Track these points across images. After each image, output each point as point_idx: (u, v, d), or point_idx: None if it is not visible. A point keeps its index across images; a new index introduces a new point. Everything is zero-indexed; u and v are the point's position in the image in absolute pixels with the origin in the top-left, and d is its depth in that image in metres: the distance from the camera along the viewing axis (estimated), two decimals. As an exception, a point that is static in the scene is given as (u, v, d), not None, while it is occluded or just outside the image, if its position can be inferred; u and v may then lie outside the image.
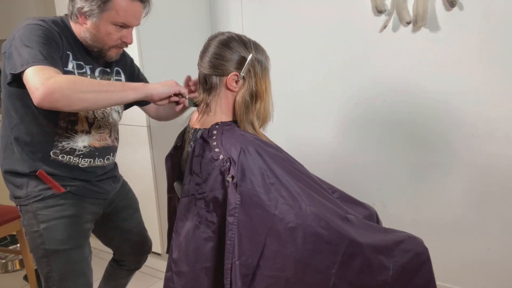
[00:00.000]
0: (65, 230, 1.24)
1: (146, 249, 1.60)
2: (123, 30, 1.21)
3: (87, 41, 1.21)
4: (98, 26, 1.18)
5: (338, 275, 1.05)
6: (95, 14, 1.16)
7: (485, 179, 1.74)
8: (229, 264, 0.98)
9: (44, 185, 1.21)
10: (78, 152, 1.25)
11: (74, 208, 1.26)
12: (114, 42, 1.22)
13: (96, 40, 1.21)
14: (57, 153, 1.22)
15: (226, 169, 1.00)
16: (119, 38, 1.22)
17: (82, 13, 1.17)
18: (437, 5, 1.69)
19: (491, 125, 1.68)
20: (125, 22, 1.19)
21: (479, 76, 1.66)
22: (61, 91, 0.98)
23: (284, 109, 2.14)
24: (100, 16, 1.16)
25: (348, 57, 1.94)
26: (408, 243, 1.16)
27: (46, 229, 1.22)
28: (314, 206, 1.04)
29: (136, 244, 1.56)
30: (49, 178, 1.21)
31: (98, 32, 1.19)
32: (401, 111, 1.86)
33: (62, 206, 1.24)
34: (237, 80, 1.08)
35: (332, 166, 2.10)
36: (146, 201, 2.11)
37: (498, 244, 1.77)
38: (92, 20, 1.17)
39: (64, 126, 1.21)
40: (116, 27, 1.19)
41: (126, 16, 1.18)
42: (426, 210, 1.90)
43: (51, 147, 1.21)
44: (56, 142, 1.21)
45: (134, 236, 1.54)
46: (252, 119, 1.12)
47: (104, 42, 1.21)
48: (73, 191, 1.25)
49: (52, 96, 0.97)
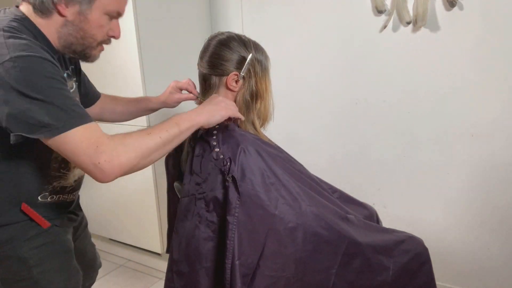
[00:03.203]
0: (62, 271, 1.07)
1: (98, 264, 1.43)
2: (112, 22, 0.98)
3: (69, 40, 0.95)
4: (87, 16, 0.92)
5: (338, 275, 1.05)
6: (84, 1, 0.90)
7: (485, 179, 1.74)
8: (229, 264, 0.97)
9: (27, 222, 1.00)
10: (68, 188, 1.09)
11: (65, 244, 1.10)
12: (103, 37, 0.99)
13: (83, 36, 0.95)
14: (46, 195, 1.04)
15: (226, 169, 1.00)
16: (107, 32, 0.99)
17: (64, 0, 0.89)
18: (437, 5, 1.68)
19: (491, 125, 1.68)
20: (120, 10, 0.97)
21: (479, 76, 1.66)
22: (130, 165, 0.84)
23: (284, 109, 2.14)
24: (92, 3, 0.91)
25: (348, 57, 1.94)
26: (408, 243, 1.16)
27: (41, 273, 1.01)
28: (314, 206, 1.04)
29: (89, 262, 1.37)
30: (34, 212, 1.01)
31: (87, 24, 0.93)
32: (401, 111, 1.86)
33: (53, 244, 1.05)
34: (237, 80, 1.08)
35: (332, 166, 2.10)
36: (146, 201, 2.11)
37: (498, 244, 1.77)
38: (79, 8, 0.91)
39: (56, 166, 1.04)
40: (107, 17, 0.96)
41: (121, 3, 0.97)
42: (426, 210, 1.90)
43: (40, 192, 1.02)
44: (47, 185, 1.03)
45: (87, 254, 1.35)
46: (252, 118, 1.12)
47: (93, 38, 0.96)
48: (58, 224, 1.07)
49: (121, 173, 0.83)
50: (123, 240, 2.35)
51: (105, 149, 0.80)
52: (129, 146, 0.84)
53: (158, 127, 0.91)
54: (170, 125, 0.92)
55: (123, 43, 1.90)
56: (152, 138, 0.88)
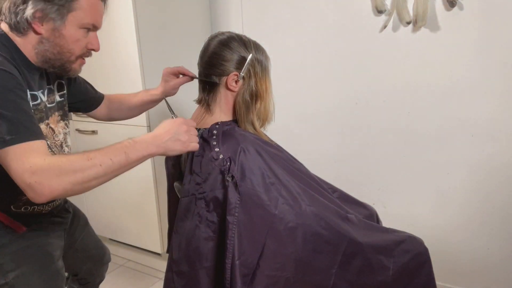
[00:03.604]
0: (41, 274, 1.05)
1: (107, 258, 1.45)
2: (89, 35, 1.00)
3: (46, 56, 0.96)
4: (62, 32, 0.94)
5: (338, 275, 1.05)
6: (57, 17, 0.92)
7: (485, 179, 1.74)
8: (229, 263, 0.98)
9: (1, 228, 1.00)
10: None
11: (43, 247, 1.08)
12: (81, 51, 1.00)
13: (60, 52, 0.96)
14: (20, 205, 1.02)
15: (226, 168, 1.00)
16: (86, 45, 1.00)
17: (37, 18, 0.92)
18: (437, 5, 1.68)
19: (491, 125, 1.68)
20: (95, 23, 0.99)
21: (479, 76, 1.66)
22: (62, 190, 0.80)
23: (284, 109, 2.14)
24: (64, 18, 0.93)
25: (348, 57, 1.94)
26: (408, 243, 1.16)
27: (16, 278, 1.00)
28: (314, 206, 1.04)
29: (97, 259, 1.41)
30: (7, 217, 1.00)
31: (62, 39, 0.95)
32: (401, 111, 1.86)
33: (30, 248, 1.04)
34: (237, 80, 1.08)
35: (332, 166, 2.10)
36: (146, 201, 2.11)
37: (498, 244, 1.77)
38: (53, 25, 0.93)
39: None
40: (84, 31, 0.97)
41: (95, 16, 0.98)
42: (426, 210, 1.90)
43: (13, 201, 1.01)
44: (20, 196, 1.00)
45: (93, 251, 1.38)
46: (252, 119, 1.12)
47: (71, 52, 0.98)
48: (36, 228, 1.06)
49: (52, 196, 0.80)
50: (123, 240, 2.35)
51: (37, 171, 0.78)
52: (63, 170, 0.80)
53: (103, 153, 0.85)
54: (116, 153, 0.85)
55: (123, 43, 1.90)
56: (92, 165, 0.82)
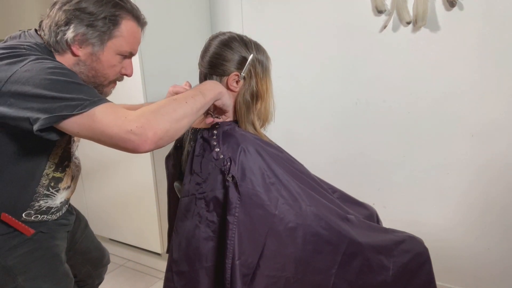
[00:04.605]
0: (50, 277, 1.05)
1: (106, 261, 1.44)
2: (124, 61, 1.02)
3: (80, 77, 0.95)
4: (99, 57, 0.96)
5: (338, 275, 1.05)
6: (97, 43, 0.94)
7: (485, 179, 1.74)
8: (229, 264, 0.98)
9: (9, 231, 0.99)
10: (53, 209, 1.06)
11: (51, 249, 1.08)
12: (115, 76, 1.02)
13: (95, 75, 0.98)
14: (31, 213, 1.01)
15: (226, 168, 1.00)
16: (120, 71, 1.03)
17: (77, 41, 0.94)
18: (437, 5, 1.69)
19: (491, 125, 1.68)
20: (132, 51, 1.01)
21: (479, 76, 1.66)
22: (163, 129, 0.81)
23: (284, 109, 2.14)
24: (104, 44, 0.95)
25: (348, 57, 1.94)
26: (408, 243, 1.16)
27: (27, 280, 1.00)
28: (314, 206, 1.04)
29: (96, 261, 1.39)
30: (16, 220, 0.99)
31: (99, 64, 0.97)
32: (401, 111, 1.86)
33: (38, 250, 1.04)
34: (237, 80, 1.08)
35: (332, 166, 2.10)
36: (146, 201, 2.11)
37: (498, 244, 1.77)
38: (92, 49, 0.95)
39: (45, 183, 1.01)
40: (120, 57, 1.00)
41: (134, 44, 1.00)
42: (426, 210, 1.90)
43: (25, 208, 0.99)
44: (33, 202, 1.00)
45: (93, 253, 1.37)
46: (253, 119, 1.12)
47: (106, 77, 1.00)
48: (44, 230, 1.06)
49: (156, 138, 0.80)
50: (123, 240, 2.35)
51: (133, 118, 0.79)
52: (157, 112, 0.82)
53: (182, 96, 0.90)
54: (194, 93, 0.92)
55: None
56: (179, 103, 0.86)
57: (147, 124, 0.79)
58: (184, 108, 0.86)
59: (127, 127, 0.78)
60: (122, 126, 0.79)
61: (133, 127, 0.78)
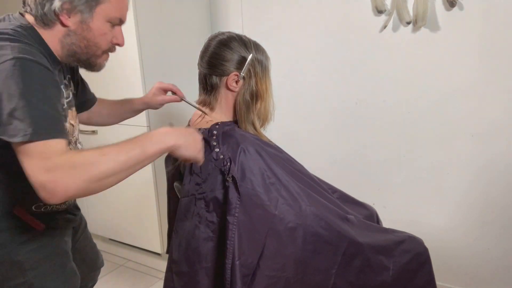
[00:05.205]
0: (60, 273, 1.04)
1: (99, 263, 1.40)
2: (114, 29, 0.98)
3: (72, 49, 0.94)
4: (89, 25, 0.92)
5: (338, 275, 1.05)
6: (85, 9, 0.90)
7: (485, 179, 1.74)
8: (229, 264, 0.98)
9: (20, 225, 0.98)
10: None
11: (60, 245, 1.07)
12: (107, 45, 0.98)
13: (87, 45, 0.95)
14: (41, 205, 1.01)
15: (226, 169, 1.00)
16: (111, 40, 0.98)
17: (65, 10, 0.89)
18: (437, 5, 1.68)
19: (491, 125, 1.68)
20: (121, 17, 0.97)
21: (479, 76, 1.66)
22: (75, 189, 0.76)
23: (284, 109, 2.14)
24: (93, 11, 0.91)
25: (348, 57, 1.94)
26: (408, 243, 1.16)
27: (36, 277, 0.99)
28: (314, 206, 1.04)
29: (90, 262, 1.36)
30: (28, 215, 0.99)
31: (89, 32, 0.93)
32: (401, 111, 1.86)
33: (48, 246, 1.03)
34: (237, 80, 1.08)
35: (332, 166, 2.10)
36: (146, 201, 2.11)
37: (498, 244, 1.77)
38: (81, 17, 0.90)
39: None
40: (110, 24, 0.95)
41: (122, 9, 0.96)
42: (426, 210, 1.90)
43: (35, 201, 0.99)
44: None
45: (89, 255, 1.34)
46: (252, 119, 1.12)
47: (98, 46, 0.96)
48: (53, 226, 1.05)
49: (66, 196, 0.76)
50: (123, 240, 2.35)
51: (51, 168, 0.75)
52: (78, 167, 0.76)
53: (118, 147, 0.81)
54: (132, 147, 0.82)
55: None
56: (107, 160, 0.78)
57: (60, 181, 0.75)
58: (112, 165, 0.78)
59: (40, 177, 0.75)
60: (38, 175, 0.75)
61: (45, 180, 0.75)
